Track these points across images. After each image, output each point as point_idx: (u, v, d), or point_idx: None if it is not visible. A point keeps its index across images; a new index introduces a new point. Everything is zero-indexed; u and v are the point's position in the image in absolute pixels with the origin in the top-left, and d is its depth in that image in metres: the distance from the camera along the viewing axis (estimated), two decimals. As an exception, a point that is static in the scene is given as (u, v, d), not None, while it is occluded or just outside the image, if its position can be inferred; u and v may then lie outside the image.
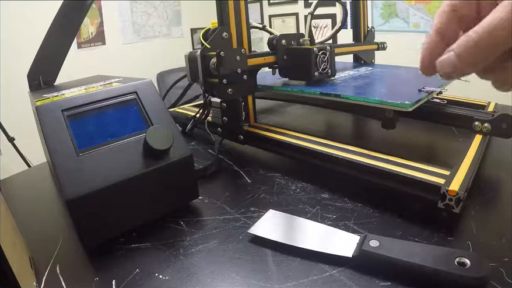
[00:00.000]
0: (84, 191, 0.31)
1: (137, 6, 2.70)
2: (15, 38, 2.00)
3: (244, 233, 0.34)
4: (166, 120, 0.38)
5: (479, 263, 0.25)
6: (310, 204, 0.38)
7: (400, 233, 0.33)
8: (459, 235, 0.32)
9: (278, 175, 0.46)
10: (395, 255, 0.27)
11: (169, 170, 0.35)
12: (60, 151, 0.32)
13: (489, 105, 0.57)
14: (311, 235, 0.32)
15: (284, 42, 0.54)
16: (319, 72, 0.51)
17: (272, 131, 0.51)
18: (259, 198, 0.41)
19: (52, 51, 0.49)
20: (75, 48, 2.34)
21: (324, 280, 0.28)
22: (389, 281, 0.27)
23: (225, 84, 0.47)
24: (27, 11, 2.04)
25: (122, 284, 0.29)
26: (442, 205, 0.32)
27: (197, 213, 0.38)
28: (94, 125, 0.35)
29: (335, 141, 0.44)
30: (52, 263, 0.32)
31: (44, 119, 0.33)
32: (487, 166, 0.44)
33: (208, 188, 0.44)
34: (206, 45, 0.47)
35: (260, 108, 0.77)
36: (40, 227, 0.40)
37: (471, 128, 0.43)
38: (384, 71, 0.62)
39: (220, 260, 0.31)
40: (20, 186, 0.53)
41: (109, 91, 0.38)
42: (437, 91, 0.45)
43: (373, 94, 0.44)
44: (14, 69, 1.68)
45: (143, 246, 0.34)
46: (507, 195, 0.39)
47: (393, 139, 0.53)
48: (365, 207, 0.37)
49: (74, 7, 0.48)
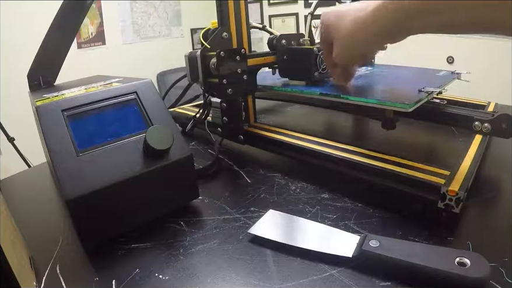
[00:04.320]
0: (84, 191, 0.31)
1: (137, 6, 2.70)
2: (15, 38, 2.00)
3: (244, 233, 0.34)
4: (166, 120, 0.38)
5: (479, 263, 0.25)
6: (310, 204, 0.38)
7: (400, 233, 0.33)
8: (459, 235, 0.32)
9: (278, 175, 0.46)
10: (395, 255, 0.27)
11: (169, 170, 0.35)
12: (60, 151, 0.32)
13: (489, 105, 0.57)
14: (311, 235, 0.32)
15: (284, 42, 0.54)
16: (319, 72, 0.51)
17: (272, 131, 0.51)
18: (259, 198, 0.41)
19: (52, 51, 0.49)
20: (75, 48, 2.35)
21: (324, 280, 0.28)
22: (389, 281, 0.27)
23: (225, 84, 0.47)
24: (27, 11, 2.04)
25: (122, 284, 0.29)
26: (442, 205, 0.32)
27: (197, 213, 0.38)
28: (94, 125, 0.35)
29: (335, 141, 0.44)
30: (52, 263, 0.32)
31: (44, 119, 0.33)
32: (487, 166, 0.44)
33: (208, 188, 0.44)
34: (206, 45, 0.47)
35: (260, 108, 0.77)
36: (40, 227, 0.40)
37: (471, 128, 0.43)
38: (384, 71, 0.62)
39: (220, 260, 0.31)
40: (20, 186, 0.53)
41: (109, 91, 0.38)
42: (437, 91, 0.45)
43: (373, 94, 0.44)
44: (14, 69, 1.68)
45: (143, 246, 0.34)
46: (507, 195, 0.39)
47: (393, 139, 0.53)
48: (365, 207, 0.37)
49: (74, 7, 0.48)
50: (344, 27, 0.38)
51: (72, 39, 0.50)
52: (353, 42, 0.37)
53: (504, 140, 0.41)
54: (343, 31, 0.38)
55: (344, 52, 0.40)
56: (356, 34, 0.36)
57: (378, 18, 0.33)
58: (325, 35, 0.42)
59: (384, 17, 0.32)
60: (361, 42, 0.37)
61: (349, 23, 0.37)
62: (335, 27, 0.39)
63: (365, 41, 0.36)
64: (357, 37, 0.36)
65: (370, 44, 0.37)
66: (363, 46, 0.38)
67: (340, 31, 0.38)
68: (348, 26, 0.37)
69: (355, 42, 0.37)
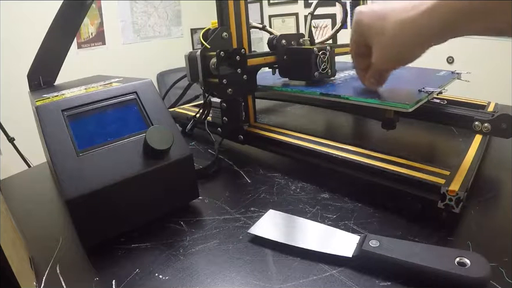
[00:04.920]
0: (84, 191, 0.31)
1: (137, 6, 2.69)
2: (15, 38, 2.00)
3: (244, 233, 0.34)
4: (166, 120, 0.38)
5: (479, 263, 0.25)
6: (310, 204, 0.38)
7: (400, 233, 0.33)
8: (459, 235, 0.32)
9: (278, 175, 0.46)
10: (395, 255, 0.27)
11: (169, 170, 0.35)
12: (60, 151, 0.32)
13: (489, 105, 0.57)
14: (311, 235, 0.32)
15: (284, 42, 0.54)
16: (319, 72, 0.51)
17: (272, 131, 0.51)
18: (259, 198, 0.41)
19: (52, 51, 0.49)
20: (75, 48, 2.34)
21: (324, 280, 0.28)
22: (389, 281, 0.27)
23: (225, 84, 0.47)
24: (27, 11, 2.04)
25: (122, 284, 0.29)
26: (442, 205, 0.32)
27: (197, 213, 0.38)
28: (94, 125, 0.35)
29: (335, 141, 0.44)
30: (52, 263, 0.32)
31: (44, 119, 0.33)
32: (487, 166, 0.44)
33: (208, 188, 0.44)
34: (206, 45, 0.47)
35: (260, 108, 0.77)
36: (40, 227, 0.40)
37: (471, 128, 0.43)
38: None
39: (220, 260, 0.31)
40: (20, 186, 0.53)
41: (109, 91, 0.38)
42: (437, 91, 0.45)
43: (373, 95, 0.44)
44: (14, 69, 1.68)
45: (143, 246, 0.34)
46: (507, 195, 0.39)
47: (393, 139, 0.53)
48: (365, 207, 0.37)
49: (74, 7, 0.48)
50: (388, 28, 0.35)
51: (72, 39, 0.50)
52: (400, 44, 0.35)
53: (504, 140, 0.41)
54: (387, 32, 0.35)
55: (387, 55, 0.37)
56: (404, 35, 0.34)
57: (432, 19, 0.30)
58: (359, 35, 0.39)
59: (439, 18, 0.30)
60: (408, 44, 0.34)
61: (394, 24, 0.34)
62: (375, 27, 0.36)
63: (414, 43, 0.34)
64: (405, 38, 0.34)
65: (419, 46, 0.34)
66: (410, 49, 0.35)
67: (384, 33, 0.35)
68: (394, 27, 0.34)
69: (402, 44, 0.35)
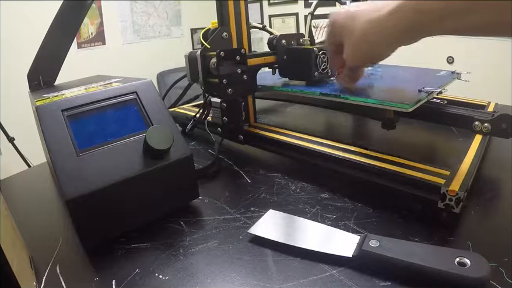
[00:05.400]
0: (84, 191, 0.31)
1: (137, 6, 2.69)
2: (15, 38, 2.00)
3: (244, 233, 0.34)
4: (166, 120, 0.38)
5: (479, 263, 0.25)
6: (310, 204, 0.38)
7: (400, 233, 0.33)
8: (459, 235, 0.32)
9: (278, 175, 0.46)
10: (395, 255, 0.27)
11: (169, 170, 0.35)
12: (60, 151, 0.32)
13: (489, 105, 0.57)
14: (311, 235, 0.32)
15: (284, 42, 0.54)
16: (319, 72, 0.51)
17: (272, 131, 0.51)
18: (259, 198, 0.41)
19: (52, 51, 0.49)
20: (75, 48, 2.34)
21: (324, 280, 0.28)
22: (389, 281, 0.27)
23: (225, 84, 0.47)
24: (27, 11, 2.04)
25: (122, 284, 0.29)
26: (442, 205, 0.32)
27: (197, 213, 0.38)
28: (94, 125, 0.35)
29: (335, 141, 0.44)
30: (52, 263, 0.32)
31: (44, 119, 0.33)
32: (487, 166, 0.44)
33: (208, 188, 0.44)
34: (206, 45, 0.47)
35: (260, 108, 0.77)
36: (40, 227, 0.40)
37: (471, 128, 0.43)
38: (384, 71, 0.62)
39: (220, 260, 0.31)
40: (20, 186, 0.53)
41: (109, 91, 0.38)
42: (437, 91, 0.45)
43: (373, 95, 0.44)
44: (14, 69, 1.68)
45: (143, 246, 0.34)
46: (507, 195, 0.39)
47: (393, 139, 0.53)
48: (365, 207, 0.37)
49: (74, 7, 0.48)
50: (357, 28, 0.37)
51: (72, 39, 0.50)
52: (367, 42, 0.36)
53: (504, 140, 0.41)
54: (356, 31, 0.37)
55: (356, 53, 0.39)
56: (370, 34, 0.35)
57: (396, 19, 0.32)
58: (333, 35, 0.41)
59: (402, 18, 0.32)
60: (375, 43, 0.36)
61: (363, 24, 0.36)
62: (346, 27, 0.39)
63: (380, 42, 0.35)
64: (371, 37, 0.36)
65: (385, 45, 0.36)
66: (377, 48, 0.37)
67: (353, 32, 0.37)
68: (362, 26, 0.36)
69: (369, 43, 0.36)
